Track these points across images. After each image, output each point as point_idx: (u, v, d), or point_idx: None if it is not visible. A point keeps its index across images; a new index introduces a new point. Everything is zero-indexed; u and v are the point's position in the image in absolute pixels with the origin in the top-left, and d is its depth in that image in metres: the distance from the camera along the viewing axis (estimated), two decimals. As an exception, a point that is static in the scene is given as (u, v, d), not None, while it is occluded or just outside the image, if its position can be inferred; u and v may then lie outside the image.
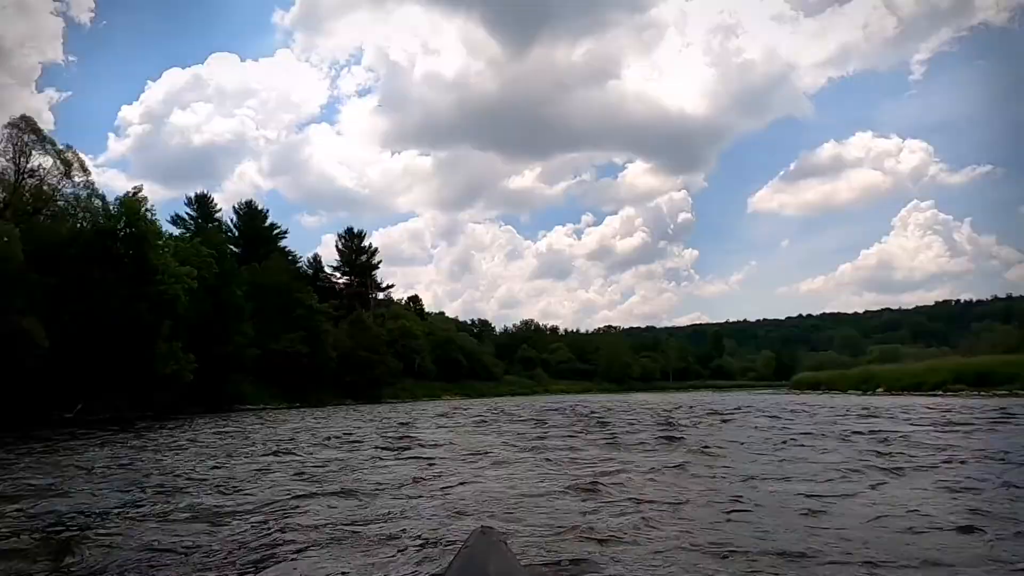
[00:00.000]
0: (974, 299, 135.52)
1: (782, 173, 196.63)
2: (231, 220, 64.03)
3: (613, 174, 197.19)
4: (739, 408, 20.57)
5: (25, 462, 9.68)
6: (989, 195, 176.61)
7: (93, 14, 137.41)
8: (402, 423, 18.06)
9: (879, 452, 7.68)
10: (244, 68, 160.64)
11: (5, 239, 20.75)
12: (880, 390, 30.19)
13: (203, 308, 36.02)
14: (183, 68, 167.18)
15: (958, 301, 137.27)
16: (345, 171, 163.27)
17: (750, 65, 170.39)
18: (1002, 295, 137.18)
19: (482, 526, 1.97)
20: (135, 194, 26.12)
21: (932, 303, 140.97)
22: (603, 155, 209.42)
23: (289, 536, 4.21)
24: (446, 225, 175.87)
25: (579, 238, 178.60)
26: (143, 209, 25.62)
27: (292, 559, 3.68)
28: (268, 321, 45.40)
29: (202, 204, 61.89)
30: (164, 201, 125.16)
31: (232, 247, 61.29)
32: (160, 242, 26.93)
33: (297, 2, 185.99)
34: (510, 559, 1.27)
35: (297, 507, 5.25)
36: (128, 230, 25.19)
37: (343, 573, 3.39)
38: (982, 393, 23.07)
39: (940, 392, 25.06)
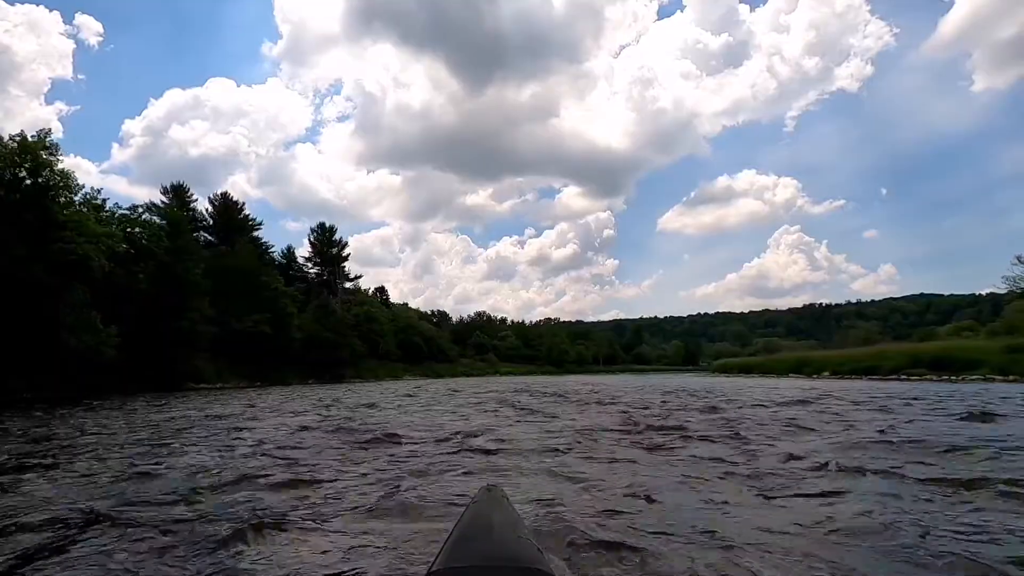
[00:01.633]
0: (832, 303, 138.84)
1: (685, 200, 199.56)
2: (206, 211, 54.45)
3: (551, 196, 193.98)
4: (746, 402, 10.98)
5: None
6: (841, 223, 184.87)
7: (101, 38, 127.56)
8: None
9: None
10: (239, 92, 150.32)
11: None
12: (826, 374, 25.38)
13: (160, 283, 27.96)
14: (183, 89, 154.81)
15: (820, 304, 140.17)
16: (325, 184, 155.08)
17: (663, 112, 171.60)
18: (853, 301, 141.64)
19: (487, 484, 1.71)
20: (44, 137, 17.92)
21: (800, 306, 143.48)
22: (543, 180, 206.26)
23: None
24: (411, 233, 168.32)
25: (522, 247, 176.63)
26: (45, 154, 17.44)
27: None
28: (232, 302, 37.13)
29: (177, 194, 52.16)
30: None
31: (207, 235, 52.63)
32: (70, 194, 18.59)
33: (284, 36, 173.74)
34: (512, 512, 1.20)
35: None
36: (34, 180, 17.15)
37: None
38: (952, 378, 18.30)
39: (903, 376, 20.20)
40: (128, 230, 26.78)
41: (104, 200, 26.61)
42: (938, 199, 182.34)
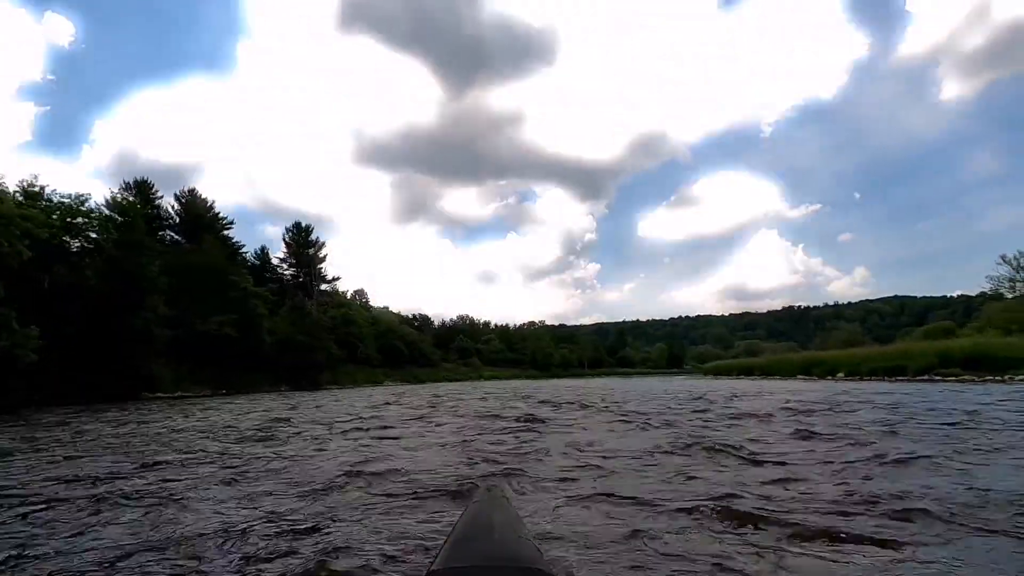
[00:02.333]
0: (810, 306, 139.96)
1: (665, 204, 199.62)
2: (172, 207, 50.48)
3: (533, 199, 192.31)
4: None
5: None
6: (817, 227, 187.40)
7: (73, 38, 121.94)
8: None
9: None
10: (215, 92, 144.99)
11: None
12: (840, 375, 23.44)
13: (110, 279, 24.66)
14: (158, 89, 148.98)
15: (798, 307, 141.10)
16: (306, 187, 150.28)
17: (644, 117, 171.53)
18: (830, 303, 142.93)
19: (488, 485, 1.71)
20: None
21: (779, 308, 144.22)
22: (525, 183, 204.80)
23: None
24: (393, 236, 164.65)
25: (504, 251, 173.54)
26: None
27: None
28: (196, 302, 33.70)
29: (141, 190, 48.24)
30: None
31: (173, 234, 48.85)
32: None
33: (263, 36, 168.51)
34: (512, 512, 1.20)
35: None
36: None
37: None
38: (996, 379, 16.38)
39: (935, 377, 18.22)
40: (69, 220, 23.48)
41: (42, 187, 23.42)
42: (909, 203, 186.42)
